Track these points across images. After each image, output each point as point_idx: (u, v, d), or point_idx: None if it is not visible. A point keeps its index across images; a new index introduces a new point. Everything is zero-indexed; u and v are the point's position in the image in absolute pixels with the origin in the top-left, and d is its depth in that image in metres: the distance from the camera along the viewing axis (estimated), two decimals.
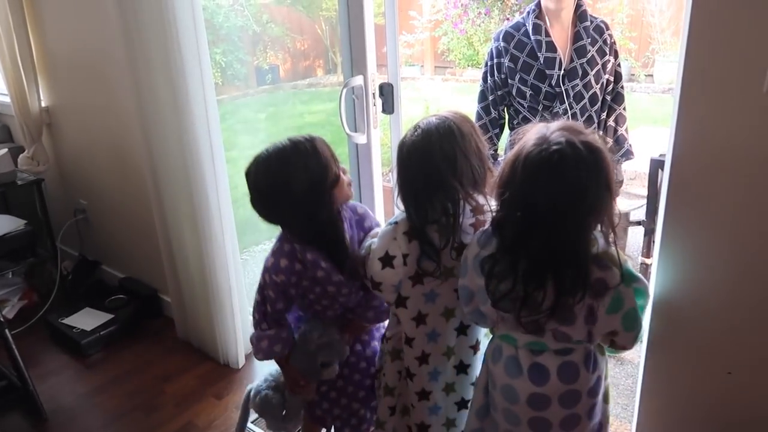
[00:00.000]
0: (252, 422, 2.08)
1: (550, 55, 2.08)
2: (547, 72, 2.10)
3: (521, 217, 1.13)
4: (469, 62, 8.10)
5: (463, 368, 1.45)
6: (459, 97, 7.24)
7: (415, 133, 1.27)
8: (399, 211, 1.35)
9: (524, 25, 2.14)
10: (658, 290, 1.34)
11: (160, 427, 2.08)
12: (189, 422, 2.09)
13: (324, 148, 1.34)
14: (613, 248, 1.15)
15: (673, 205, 1.27)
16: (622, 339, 1.20)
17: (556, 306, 1.14)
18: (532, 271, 1.14)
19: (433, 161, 1.25)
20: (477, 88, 2.40)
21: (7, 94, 2.87)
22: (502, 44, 2.18)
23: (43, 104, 2.90)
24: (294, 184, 1.29)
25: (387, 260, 1.31)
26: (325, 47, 7.72)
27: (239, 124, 5.66)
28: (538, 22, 2.10)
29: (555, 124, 1.12)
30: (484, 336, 1.45)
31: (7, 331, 2.10)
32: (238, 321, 2.33)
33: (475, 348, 1.45)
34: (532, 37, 2.10)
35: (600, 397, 1.29)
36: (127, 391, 2.26)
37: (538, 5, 2.13)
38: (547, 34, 2.09)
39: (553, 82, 2.10)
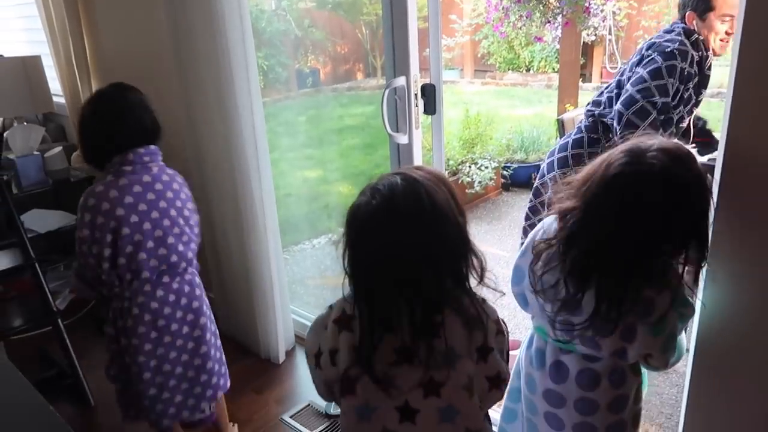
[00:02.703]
0: (291, 417, 2.11)
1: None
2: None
3: (586, 214, 1.10)
4: (510, 66, 8.04)
5: None
6: (499, 101, 7.19)
7: (373, 201, 0.96)
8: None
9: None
10: (705, 301, 1.30)
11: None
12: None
13: None
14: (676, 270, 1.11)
15: (723, 211, 1.23)
16: (656, 361, 1.17)
17: (594, 315, 1.11)
18: (576, 268, 1.12)
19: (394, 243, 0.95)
20: (517, 91, 2.36)
21: (62, 95, 2.99)
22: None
23: None
24: None
25: (316, 358, 1.07)
26: (365, 51, 7.77)
27: (280, 126, 5.75)
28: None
29: (656, 140, 1.08)
30: None
31: (60, 321, 2.19)
32: (279, 317, 2.37)
33: None
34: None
35: (625, 416, 1.24)
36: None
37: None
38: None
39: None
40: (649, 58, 2.02)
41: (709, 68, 2.11)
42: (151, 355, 1.68)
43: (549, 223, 1.25)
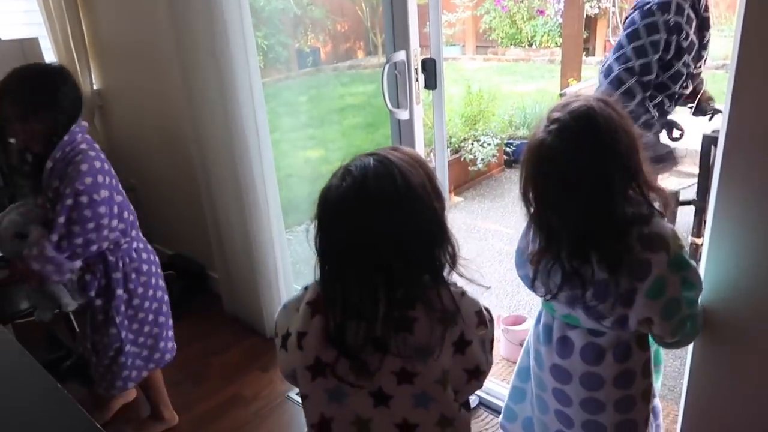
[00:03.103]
0: (297, 394, 2.13)
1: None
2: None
3: (534, 192, 1.14)
4: (512, 41, 7.94)
5: None
6: (501, 77, 7.12)
7: (343, 183, 0.91)
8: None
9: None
10: (709, 272, 1.29)
11: (208, 397, 2.16)
12: (236, 393, 2.16)
13: None
14: (667, 229, 1.12)
15: (726, 183, 1.21)
16: (658, 328, 1.15)
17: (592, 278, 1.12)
18: (573, 250, 1.13)
19: (369, 227, 0.91)
20: (519, 67, 2.35)
21: None
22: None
23: (94, 87, 3.00)
24: None
25: (284, 339, 1.02)
26: (365, 29, 7.69)
27: (281, 107, 5.72)
28: None
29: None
30: None
31: None
32: (283, 295, 2.38)
33: None
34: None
35: (635, 392, 1.23)
36: (176, 363, 2.32)
37: None
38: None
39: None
40: (629, 18, 2.03)
41: (706, 9, 2.08)
42: (134, 316, 1.82)
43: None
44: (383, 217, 0.90)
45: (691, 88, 2.20)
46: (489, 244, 3.50)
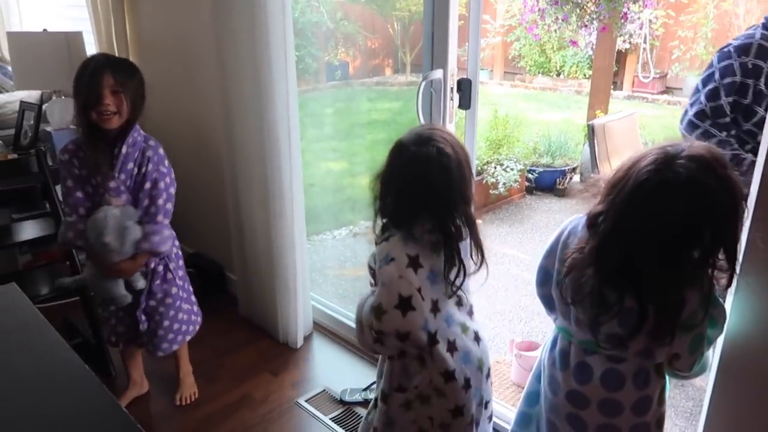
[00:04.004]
0: (306, 401, 2.13)
1: None
2: None
3: (615, 222, 1.11)
4: (540, 69, 7.98)
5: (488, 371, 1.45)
6: (527, 104, 7.15)
7: (413, 148, 1.27)
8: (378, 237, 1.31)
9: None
10: (734, 315, 1.28)
11: (218, 397, 2.16)
12: (246, 395, 2.17)
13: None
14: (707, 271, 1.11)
15: (759, 220, 1.21)
16: (682, 362, 1.16)
17: (642, 320, 1.11)
18: (610, 276, 1.12)
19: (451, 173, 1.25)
20: (546, 95, 2.29)
21: None
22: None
23: None
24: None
25: (405, 304, 1.19)
26: (395, 47, 7.78)
27: (307, 117, 5.79)
28: None
29: (687, 144, 1.08)
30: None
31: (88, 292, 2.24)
32: (299, 302, 2.39)
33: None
34: None
35: (650, 419, 1.24)
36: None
37: None
38: None
39: None
40: (709, 63, 1.94)
41: None
42: (183, 277, 2.09)
43: (574, 225, 1.25)
44: (438, 176, 1.24)
45: None
46: (505, 269, 3.50)
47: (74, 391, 1.05)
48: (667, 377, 1.27)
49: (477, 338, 1.41)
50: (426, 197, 1.24)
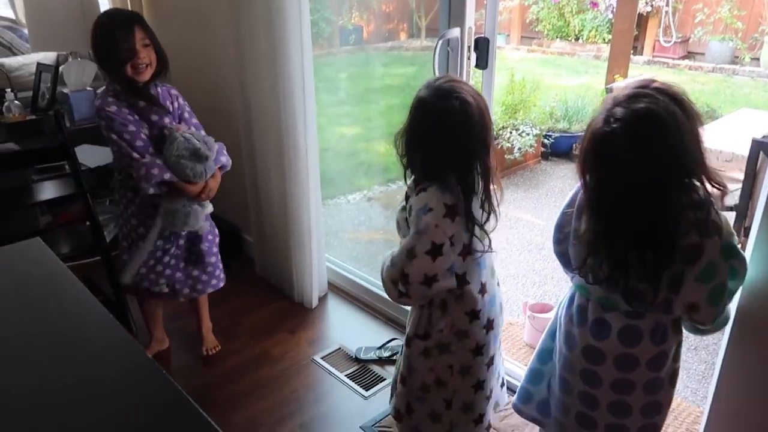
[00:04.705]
0: (322, 358, 2.18)
1: None
2: None
3: (590, 175, 1.15)
4: (558, 33, 7.81)
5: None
6: (544, 69, 7.03)
7: (431, 99, 1.29)
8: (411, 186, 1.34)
9: None
10: (751, 277, 1.28)
11: (237, 353, 2.22)
12: (265, 352, 2.22)
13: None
14: (720, 216, 1.12)
15: None
16: (701, 314, 1.14)
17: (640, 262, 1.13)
18: (629, 239, 1.14)
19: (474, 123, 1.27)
20: (563, 60, 2.29)
21: None
22: None
23: None
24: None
25: (435, 251, 1.26)
26: (410, 10, 7.64)
27: (320, 82, 5.73)
28: None
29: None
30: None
31: (109, 251, 2.28)
32: (315, 263, 2.42)
33: None
34: None
35: (664, 374, 1.25)
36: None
37: None
38: None
39: None
40: None
41: None
42: None
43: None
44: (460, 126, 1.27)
45: None
46: (519, 234, 3.50)
47: (102, 342, 1.08)
48: (683, 332, 1.28)
49: (498, 285, 1.48)
50: (453, 150, 1.28)
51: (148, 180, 1.80)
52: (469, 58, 1.81)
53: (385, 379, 2.07)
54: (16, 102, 2.72)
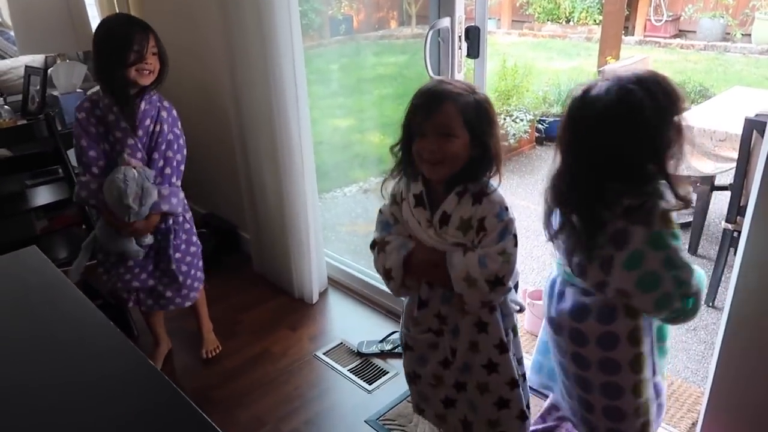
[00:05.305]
0: (324, 353, 2.19)
1: None
2: None
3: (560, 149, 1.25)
4: (549, 16, 7.77)
5: None
6: (536, 53, 7.00)
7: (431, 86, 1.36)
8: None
9: None
10: (747, 257, 1.29)
11: (238, 352, 2.22)
12: (266, 350, 2.22)
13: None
14: (657, 209, 1.14)
15: None
16: (637, 301, 1.19)
17: (578, 235, 1.20)
18: (571, 201, 1.23)
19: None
20: (555, 43, 2.30)
21: None
22: None
23: None
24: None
25: (516, 243, 1.33)
26: None
27: (312, 74, 5.68)
28: None
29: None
30: None
31: None
32: (313, 258, 2.42)
33: None
34: None
35: (620, 357, 1.26)
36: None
37: None
38: None
39: None
40: None
41: None
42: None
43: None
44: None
45: None
46: (516, 220, 3.49)
47: (101, 346, 1.08)
48: (657, 325, 1.29)
49: None
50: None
51: (77, 197, 1.88)
52: (460, 48, 1.80)
53: (387, 372, 2.08)
54: (6, 107, 2.70)
